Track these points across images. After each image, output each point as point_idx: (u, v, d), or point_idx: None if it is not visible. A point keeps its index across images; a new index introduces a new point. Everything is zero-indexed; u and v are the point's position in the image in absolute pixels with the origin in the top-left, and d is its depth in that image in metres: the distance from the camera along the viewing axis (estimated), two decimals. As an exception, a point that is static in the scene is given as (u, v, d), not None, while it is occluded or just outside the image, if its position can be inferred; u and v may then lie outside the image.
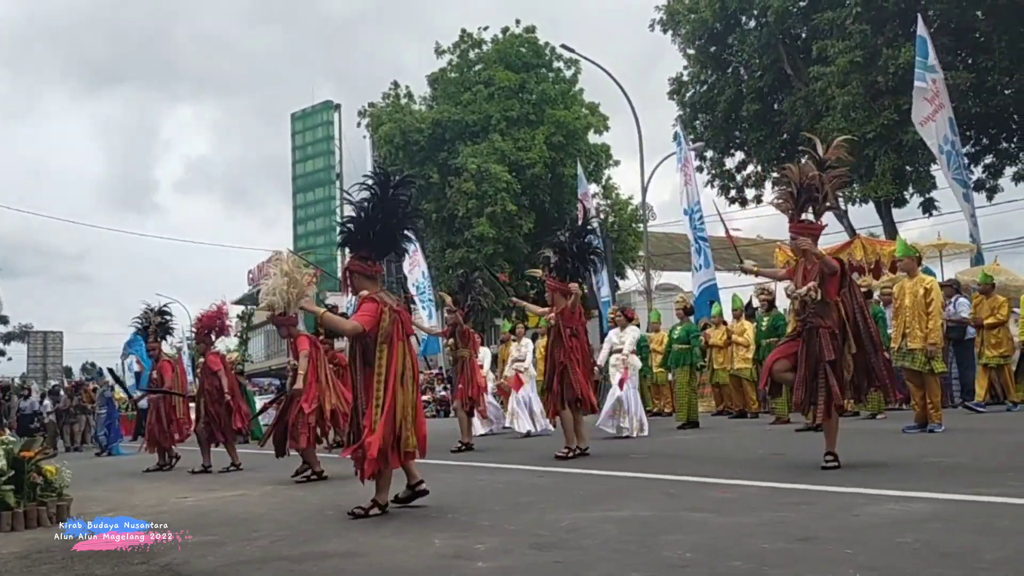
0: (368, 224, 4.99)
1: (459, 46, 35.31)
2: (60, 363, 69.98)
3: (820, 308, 5.76)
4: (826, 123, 22.41)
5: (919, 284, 8.69)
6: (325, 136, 51.39)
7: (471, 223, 30.97)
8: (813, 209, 5.93)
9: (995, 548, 3.18)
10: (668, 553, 3.45)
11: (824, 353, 5.68)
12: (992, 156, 24.51)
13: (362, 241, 5.04)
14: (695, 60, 27.38)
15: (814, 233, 5.95)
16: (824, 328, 5.72)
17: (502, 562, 3.51)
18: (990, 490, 4.43)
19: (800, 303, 5.87)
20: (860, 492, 4.67)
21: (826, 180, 5.84)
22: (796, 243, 5.97)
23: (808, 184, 5.82)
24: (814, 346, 5.76)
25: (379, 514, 4.95)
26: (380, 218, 4.97)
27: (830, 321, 5.75)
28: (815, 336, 5.76)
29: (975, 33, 22.04)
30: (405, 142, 33.56)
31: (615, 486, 5.93)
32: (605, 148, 35.00)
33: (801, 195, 5.86)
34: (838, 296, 5.81)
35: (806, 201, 5.88)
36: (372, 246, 5.05)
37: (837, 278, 5.83)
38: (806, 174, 5.84)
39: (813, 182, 5.81)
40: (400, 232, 5.16)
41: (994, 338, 11.15)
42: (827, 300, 5.75)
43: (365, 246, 5.05)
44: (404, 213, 5.09)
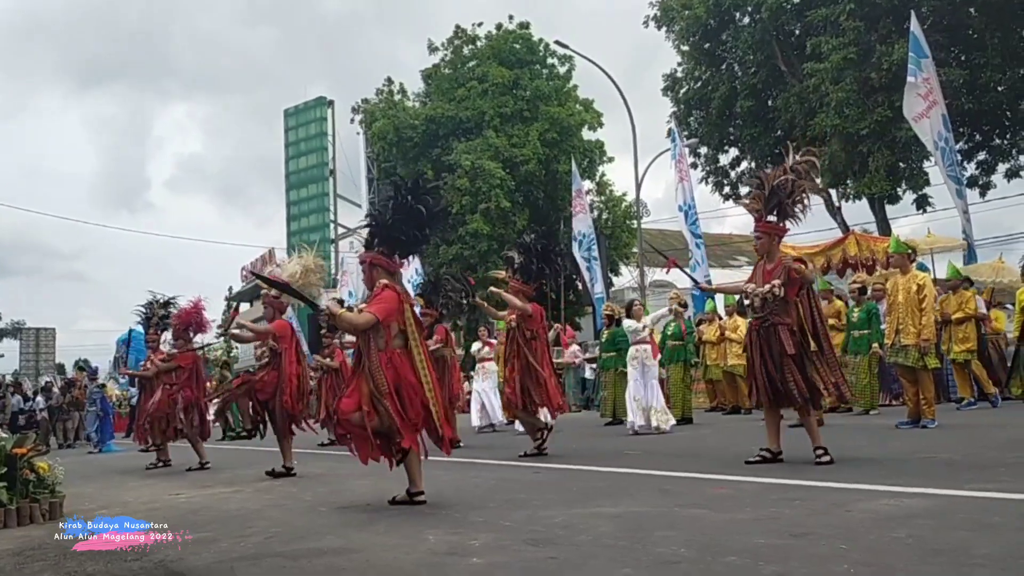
0: (397, 224, 5.17)
1: (453, 42, 35.26)
2: (53, 360, 69.95)
3: (780, 306, 5.86)
4: (820, 119, 22.46)
5: (912, 280, 8.70)
6: (318, 132, 51.22)
7: (465, 220, 30.96)
8: (779, 212, 6.05)
9: (987, 544, 3.19)
10: (662, 549, 3.45)
11: (786, 347, 5.77)
12: (985, 153, 24.59)
13: (389, 238, 5.20)
14: (689, 57, 27.40)
15: (778, 234, 6.12)
16: (783, 325, 5.82)
17: (496, 558, 3.51)
18: (983, 486, 4.45)
19: (760, 301, 5.95)
20: (853, 488, 4.68)
21: (796, 185, 5.96)
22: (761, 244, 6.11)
23: (779, 186, 5.94)
24: (774, 343, 5.85)
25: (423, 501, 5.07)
26: (410, 220, 5.16)
27: (789, 319, 5.86)
28: (774, 333, 5.85)
29: (968, 30, 22.10)
30: (399, 138, 33.52)
31: (610, 482, 5.93)
32: (599, 144, 35.01)
33: (771, 197, 5.98)
34: (796, 297, 5.95)
35: (775, 204, 6.00)
36: (398, 244, 5.24)
37: (800, 281, 5.97)
38: (777, 177, 5.96)
39: (784, 185, 5.93)
40: (424, 233, 5.32)
41: (961, 333, 11.05)
42: (788, 299, 5.87)
43: (391, 243, 5.21)
44: (430, 214, 5.26)
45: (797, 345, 5.80)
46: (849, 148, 22.37)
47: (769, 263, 6.05)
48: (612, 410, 12.56)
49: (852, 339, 11.25)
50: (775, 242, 6.10)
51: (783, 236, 6.21)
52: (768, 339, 5.91)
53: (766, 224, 6.06)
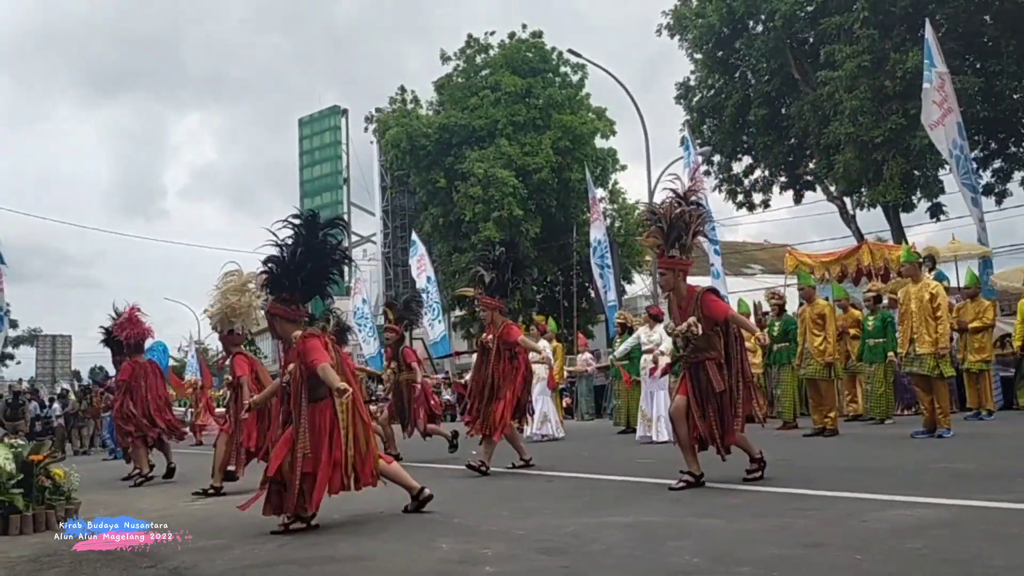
0: (294, 267, 4.84)
1: (465, 51, 35.37)
2: (69, 367, 70.37)
3: (703, 341, 5.66)
4: (834, 127, 22.38)
5: (924, 289, 8.66)
6: (332, 141, 51.50)
7: (478, 227, 31.00)
8: (680, 245, 5.84)
9: (1003, 555, 3.17)
10: (674, 559, 3.45)
11: (715, 384, 5.59)
12: (1001, 161, 24.43)
13: (287, 284, 4.90)
14: (702, 65, 27.38)
15: (683, 268, 5.90)
16: (710, 360, 5.64)
17: (509, 567, 3.51)
18: (999, 496, 4.41)
19: (683, 339, 5.77)
20: (868, 498, 4.65)
21: (693, 217, 5.82)
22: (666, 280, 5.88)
23: (676, 219, 5.78)
24: (701, 380, 5.68)
25: None
26: (307, 261, 4.83)
27: (716, 352, 5.66)
28: (702, 370, 5.68)
29: (983, 38, 21.99)
30: (412, 147, 33.63)
31: (622, 491, 5.92)
32: (611, 153, 34.99)
33: (671, 232, 5.80)
34: (716, 327, 5.71)
35: (675, 238, 5.82)
36: (297, 289, 4.93)
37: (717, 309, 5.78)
38: (673, 211, 5.79)
39: (682, 218, 5.78)
40: (328, 276, 5.02)
41: (977, 343, 10.88)
42: (707, 332, 5.65)
43: (289, 289, 4.92)
44: (333, 257, 4.98)
45: (726, 380, 5.61)
46: (863, 156, 22.26)
47: (681, 299, 5.84)
48: (626, 419, 12.54)
49: (867, 348, 11.19)
50: (680, 277, 5.88)
51: (688, 270, 5.97)
52: (696, 377, 5.71)
53: (669, 260, 5.84)
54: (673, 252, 5.84)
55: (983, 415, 10.57)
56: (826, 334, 9.94)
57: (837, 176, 23.83)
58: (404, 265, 37.09)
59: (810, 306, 10.17)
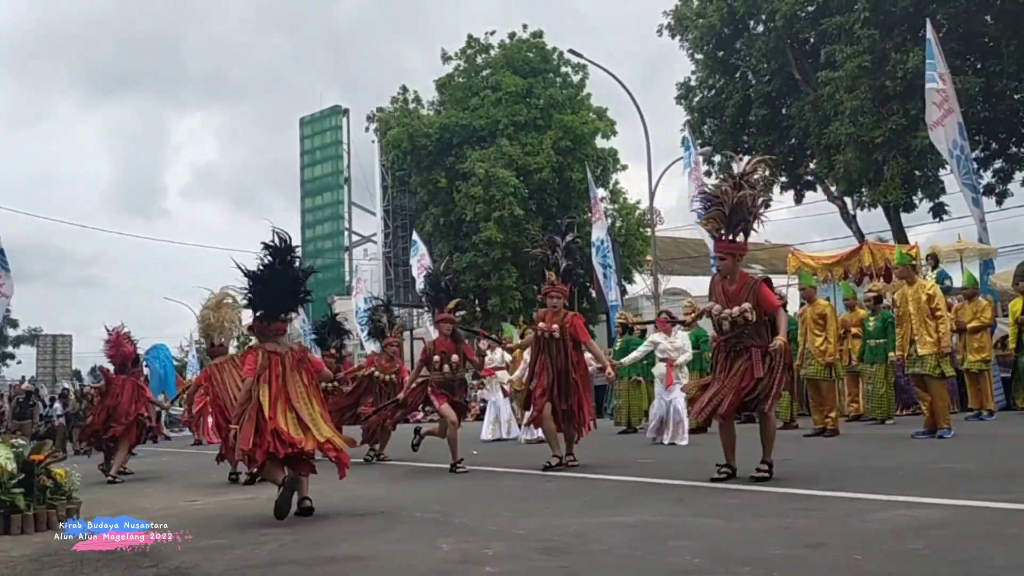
0: (264, 289, 5.52)
1: (466, 51, 35.36)
2: (69, 366, 70.33)
3: (751, 329, 5.69)
4: (834, 128, 22.37)
5: (920, 290, 8.66)
6: (333, 141, 51.38)
7: (479, 227, 31.00)
8: (744, 230, 5.84)
9: (1004, 555, 3.17)
10: (675, 559, 3.45)
11: (755, 370, 5.61)
12: (1001, 161, 24.43)
13: (260, 304, 5.55)
14: (703, 65, 27.38)
15: (742, 253, 5.92)
16: (756, 347, 5.66)
17: (509, 567, 3.51)
18: (999, 496, 4.42)
19: (730, 323, 5.75)
20: (868, 498, 4.66)
21: (755, 201, 5.78)
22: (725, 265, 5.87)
23: (739, 204, 5.73)
24: (740, 365, 5.69)
25: None
26: (274, 283, 5.50)
27: (762, 341, 5.69)
28: (744, 356, 5.69)
29: (984, 38, 21.99)
30: (413, 147, 33.61)
31: (623, 491, 5.92)
32: (612, 153, 34.96)
33: (733, 215, 5.77)
34: (765, 316, 5.75)
35: (738, 222, 5.80)
36: (268, 307, 5.56)
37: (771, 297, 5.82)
38: (734, 195, 5.73)
39: (744, 203, 5.73)
40: (294, 294, 5.63)
41: (977, 343, 10.86)
42: (759, 321, 5.69)
43: (262, 308, 5.55)
44: (296, 277, 5.58)
45: (765, 368, 5.63)
46: (864, 156, 22.26)
47: (732, 284, 5.83)
48: (627, 419, 12.53)
49: (868, 348, 11.20)
50: (739, 261, 5.90)
51: (743, 255, 5.97)
52: (736, 360, 5.72)
53: (730, 245, 5.84)
54: (731, 236, 5.81)
55: (984, 415, 10.55)
56: (827, 334, 9.93)
57: (838, 176, 23.83)
58: (405, 265, 37.04)
59: (811, 306, 10.17)
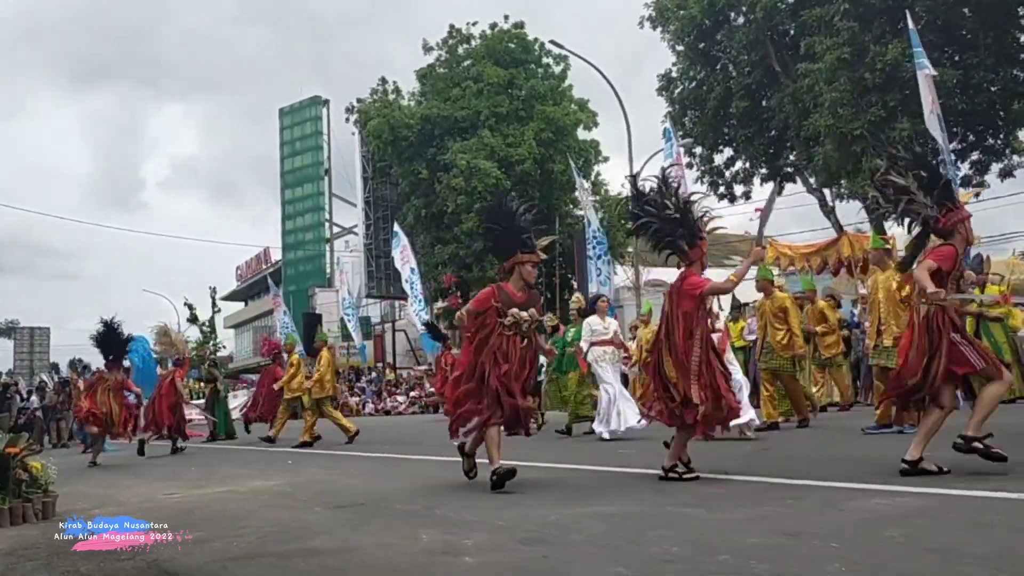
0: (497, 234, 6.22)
1: (448, 42, 35.21)
2: (47, 359, 69.60)
3: None
4: (814, 120, 22.46)
5: (891, 278, 8.16)
6: (313, 132, 51.04)
7: (460, 219, 30.94)
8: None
9: (980, 543, 3.20)
10: (655, 548, 3.46)
11: None
12: (979, 153, 24.62)
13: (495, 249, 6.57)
14: (684, 56, 27.38)
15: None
16: None
17: (490, 557, 3.51)
18: (976, 485, 4.47)
19: None
20: (846, 487, 4.69)
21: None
22: None
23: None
24: None
25: None
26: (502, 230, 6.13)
27: None
28: None
29: (961, 31, 22.13)
30: (394, 138, 33.49)
31: (603, 481, 5.94)
32: (594, 144, 35.00)
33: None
34: None
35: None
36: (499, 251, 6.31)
37: None
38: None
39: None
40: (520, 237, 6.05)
41: None
42: None
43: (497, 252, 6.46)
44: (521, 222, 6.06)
45: None
46: (843, 148, 22.38)
47: None
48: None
49: None
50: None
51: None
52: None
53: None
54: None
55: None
56: (789, 327, 9.63)
57: (817, 168, 23.96)
58: (386, 256, 36.95)
59: (769, 299, 9.85)
